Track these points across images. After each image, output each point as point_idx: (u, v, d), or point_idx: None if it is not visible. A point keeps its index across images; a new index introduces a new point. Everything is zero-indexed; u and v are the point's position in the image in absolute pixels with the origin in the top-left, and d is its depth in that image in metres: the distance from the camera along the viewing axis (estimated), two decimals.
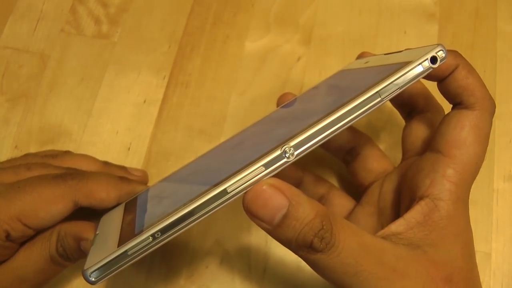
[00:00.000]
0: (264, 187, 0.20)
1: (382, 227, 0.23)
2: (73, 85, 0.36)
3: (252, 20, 0.38)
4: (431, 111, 0.28)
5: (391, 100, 0.29)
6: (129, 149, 0.34)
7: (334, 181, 0.33)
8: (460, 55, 0.24)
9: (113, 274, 0.20)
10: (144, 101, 0.35)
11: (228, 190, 0.20)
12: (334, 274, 0.21)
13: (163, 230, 0.20)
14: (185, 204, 0.20)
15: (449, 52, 0.24)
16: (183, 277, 0.31)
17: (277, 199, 0.20)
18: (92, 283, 0.20)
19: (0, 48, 0.37)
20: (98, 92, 0.36)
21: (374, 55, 0.29)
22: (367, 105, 0.21)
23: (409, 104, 0.29)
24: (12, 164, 0.28)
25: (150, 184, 0.31)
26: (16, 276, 0.25)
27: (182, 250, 0.31)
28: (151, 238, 0.20)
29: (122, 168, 0.32)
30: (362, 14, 0.38)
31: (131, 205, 0.26)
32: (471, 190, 0.33)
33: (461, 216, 0.23)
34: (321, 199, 0.31)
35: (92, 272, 0.20)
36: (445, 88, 0.24)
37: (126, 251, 0.20)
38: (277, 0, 0.39)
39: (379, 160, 0.30)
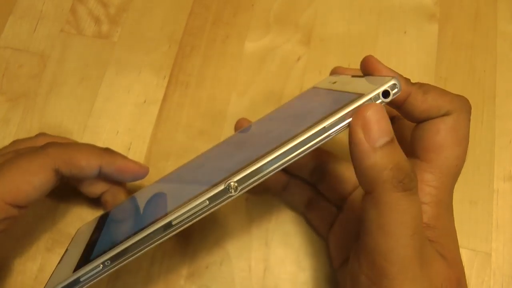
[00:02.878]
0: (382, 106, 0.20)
1: None
2: (73, 85, 0.36)
3: (252, 20, 0.38)
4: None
5: None
6: (129, 149, 0.34)
7: None
8: (409, 81, 0.23)
9: None
10: (144, 101, 0.35)
11: (173, 223, 0.21)
12: (397, 224, 0.20)
13: (112, 259, 0.21)
14: (132, 235, 0.21)
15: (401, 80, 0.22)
16: (183, 277, 0.31)
17: (388, 125, 0.20)
18: None
19: (0, 48, 0.37)
20: (98, 92, 0.36)
21: (344, 74, 0.28)
22: (313, 140, 0.20)
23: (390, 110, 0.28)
24: (1, 153, 0.28)
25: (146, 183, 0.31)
26: None
27: (182, 250, 0.31)
28: (101, 266, 0.21)
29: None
30: (362, 14, 0.38)
31: (102, 222, 0.27)
32: (471, 190, 0.33)
33: (446, 218, 0.23)
34: (309, 203, 0.31)
35: None
36: (406, 113, 0.23)
37: (78, 278, 0.21)
38: (277, 0, 0.39)
39: (351, 169, 0.29)
